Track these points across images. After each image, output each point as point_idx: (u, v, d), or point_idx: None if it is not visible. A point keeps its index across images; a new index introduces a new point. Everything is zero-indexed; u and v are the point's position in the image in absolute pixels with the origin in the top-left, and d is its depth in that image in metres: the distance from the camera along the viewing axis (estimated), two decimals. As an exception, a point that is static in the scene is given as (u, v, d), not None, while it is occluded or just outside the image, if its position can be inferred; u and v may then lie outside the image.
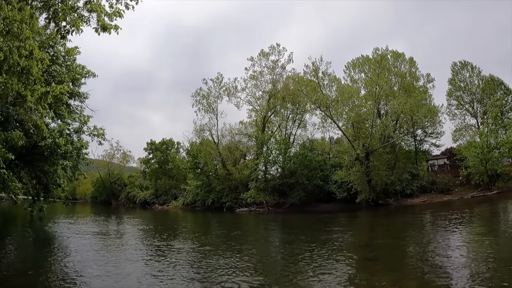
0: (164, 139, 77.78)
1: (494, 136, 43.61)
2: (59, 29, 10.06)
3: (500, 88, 51.90)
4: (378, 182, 41.89)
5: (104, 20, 9.89)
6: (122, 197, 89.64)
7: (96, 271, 12.99)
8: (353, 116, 42.99)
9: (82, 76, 26.69)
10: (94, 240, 22.83)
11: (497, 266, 11.33)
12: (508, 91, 52.48)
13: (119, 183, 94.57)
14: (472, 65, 50.72)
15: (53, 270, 13.43)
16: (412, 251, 15.75)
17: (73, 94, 25.88)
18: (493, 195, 39.62)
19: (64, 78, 22.29)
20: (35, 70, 10.01)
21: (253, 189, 49.36)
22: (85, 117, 26.25)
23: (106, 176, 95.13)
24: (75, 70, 25.58)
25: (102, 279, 11.90)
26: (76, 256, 16.05)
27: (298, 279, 11.48)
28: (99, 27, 9.92)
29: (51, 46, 21.81)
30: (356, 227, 28.37)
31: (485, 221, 24.17)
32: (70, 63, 25.24)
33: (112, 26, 9.99)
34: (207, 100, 54.52)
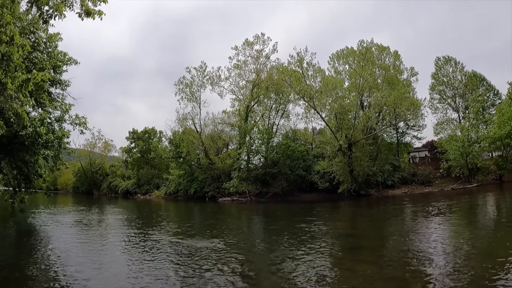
0: (147, 128, 76.85)
1: (475, 130, 44.51)
2: (42, 14, 9.70)
3: (482, 84, 52.82)
4: (360, 173, 42.13)
5: (87, 5, 9.54)
6: (104, 187, 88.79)
7: (79, 260, 12.84)
8: (336, 107, 43.00)
9: (63, 63, 25.98)
10: (76, 231, 22.46)
11: (476, 255, 11.67)
12: (490, 87, 53.44)
13: (101, 173, 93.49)
14: (455, 60, 51.40)
15: (33, 263, 13.06)
16: (395, 240, 15.91)
17: (54, 81, 25.21)
18: (473, 187, 40.39)
19: (45, 65, 21.65)
20: (16, 57, 9.68)
21: (236, 179, 49.26)
22: (66, 105, 25.61)
23: (87, 165, 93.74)
24: (56, 57, 24.90)
25: (84, 269, 11.73)
26: (58, 248, 15.75)
27: (282, 268, 11.42)
28: (82, 12, 9.56)
29: (32, 32, 21.19)
30: (339, 217, 28.54)
31: (464, 213, 24.55)
32: (51, 49, 24.57)
33: (96, 11, 9.65)
34: (190, 89, 54.04)
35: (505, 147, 43.24)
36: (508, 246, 12.38)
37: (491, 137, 42.47)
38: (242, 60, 53.21)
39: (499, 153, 45.51)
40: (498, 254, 11.47)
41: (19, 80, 10.30)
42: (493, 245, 12.98)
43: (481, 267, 10.18)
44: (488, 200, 30.80)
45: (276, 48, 52.49)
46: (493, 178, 43.06)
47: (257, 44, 52.62)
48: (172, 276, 10.86)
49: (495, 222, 19.86)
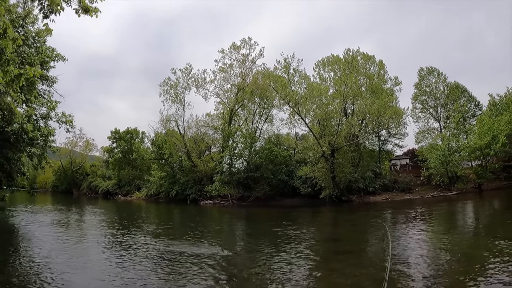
0: (129, 128, 75.82)
1: (456, 140, 45.23)
2: (43, 8, 9.49)
3: (464, 95, 53.95)
4: (342, 179, 42.39)
5: (85, 1, 9.42)
6: (84, 187, 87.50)
7: (58, 261, 12.72)
8: (320, 113, 43.21)
9: (51, 59, 25.57)
10: (55, 231, 22.26)
11: (454, 260, 12.13)
12: (471, 98, 54.59)
13: (81, 172, 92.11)
14: (438, 71, 52.20)
15: (11, 262, 12.91)
16: (377, 245, 16.42)
17: (41, 77, 24.71)
18: (453, 195, 40.99)
19: (34, 60, 21.23)
20: (9, 50, 9.40)
21: (218, 182, 49.01)
22: (53, 102, 25.05)
23: (68, 164, 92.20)
24: (44, 52, 24.47)
25: (64, 270, 11.58)
26: (37, 248, 15.56)
27: (265, 272, 11.43)
28: (80, 9, 9.42)
29: (21, 25, 20.76)
30: (321, 222, 28.81)
31: (443, 219, 25.14)
32: (40, 44, 24.14)
33: (93, 8, 9.53)
34: (175, 90, 53.71)
35: (484, 156, 44.04)
36: (484, 252, 12.71)
37: (471, 147, 43.22)
38: (228, 63, 53.17)
39: (478, 163, 46.36)
40: (475, 258, 11.93)
41: (11, 75, 10.00)
42: (470, 250, 13.33)
43: (458, 270, 10.66)
44: (466, 208, 31.50)
45: (262, 53, 52.63)
46: (473, 187, 43.64)
47: (244, 48, 52.66)
48: (147, 280, 10.72)
49: (472, 228, 20.35)
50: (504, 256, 11.83)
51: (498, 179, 44.03)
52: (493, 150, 42.34)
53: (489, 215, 26.01)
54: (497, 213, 26.82)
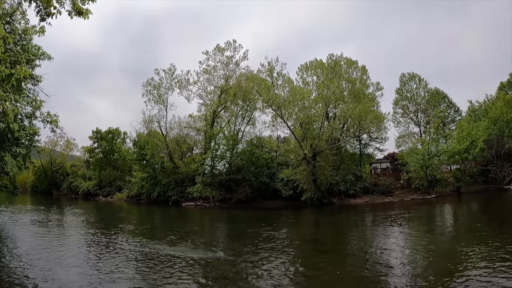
0: (111, 128, 74.73)
1: (435, 144, 46.18)
2: (40, 11, 9.38)
3: (444, 101, 55.07)
4: (323, 181, 42.72)
5: (78, 3, 9.35)
6: (64, 187, 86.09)
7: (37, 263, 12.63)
8: (303, 117, 43.47)
9: (36, 57, 25.09)
10: (35, 232, 21.98)
11: (432, 260, 12.63)
12: (451, 104, 55.75)
13: (61, 172, 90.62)
14: (419, 77, 53.20)
15: None
16: (358, 245, 16.84)
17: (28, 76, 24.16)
18: (432, 198, 41.85)
19: (21, 58, 20.79)
20: (1, 50, 9.25)
21: (200, 184, 48.81)
22: (38, 101, 24.54)
23: (48, 164, 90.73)
24: (30, 50, 23.99)
25: (43, 271, 11.48)
26: (16, 248, 15.38)
27: (247, 271, 11.49)
28: (73, 11, 9.33)
29: (8, 22, 20.35)
30: (303, 224, 29.12)
31: (423, 221, 25.89)
32: (26, 42, 23.67)
33: (85, 10, 9.47)
34: (158, 91, 53.30)
35: (463, 161, 45.25)
36: (461, 253, 13.25)
37: (450, 151, 44.27)
38: (212, 65, 53.05)
39: (457, 167, 47.40)
40: (452, 259, 12.38)
41: (2, 75, 9.84)
42: (448, 252, 13.63)
43: (436, 270, 11.04)
44: (445, 210, 32.35)
45: (246, 56, 52.70)
46: (451, 190, 44.54)
47: (228, 50, 52.64)
48: (126, 281, 10.70)
49: (450, 229, 21.17)
50: (480, 257, 12.30)
51: (476, 183, 45.14)
52: (471, 154, 43.57)
53: (467, 218, 26.62)
54: (475, 216, 27.43)
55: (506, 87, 59.52)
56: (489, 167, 45.47)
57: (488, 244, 14.23)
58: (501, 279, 9.40)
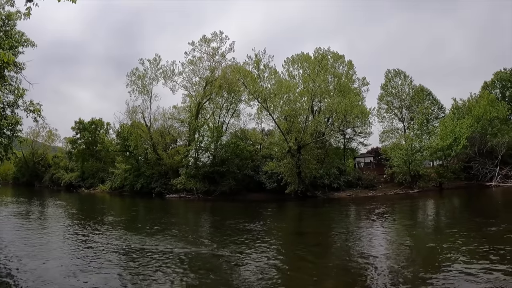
0: (94, 119, 73.46)
1: (419, 140, 46.65)
2: None
3: (428, 98, 55.52)
4: (307, 175, 42.76)
5: None
6: (46, 179, 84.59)
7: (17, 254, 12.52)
8: (288, 110, 43.40)
9: (20, 44, 24.40)
10: (15, 225, 21.49)
11: (414, 252, 12.86)
12: (435, 101, 56.28)
13: (43, 164, 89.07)
14: (405, 74, 53.40)
15: None
16: (344, 238, 16.94)
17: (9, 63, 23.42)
18: (414, 193, 42.34)
19: (4, 44, 20.16)
20: None
21: (184, 176, 48.42)
22: (20, 90, 23.84)
23: (29, 155, 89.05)
24: (14, 37, 23.31)
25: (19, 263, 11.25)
26: None
27: (233, 265, 11.38)
28: None
29: None
30: (287, 216, 29.27)
31: (405, 215, 26.21)
32: (9, 28, 23.00)
33: None
34: (143, 81, 52.65)
35: (446, 157, 45.77)
36: (443, 245, 13.40)
37: (433, 148, 44.89)
38: (197, 56, 52.31)
39: (440, 163, 47.96)
40: (434, 252, 12.60)
41: None
42: (429, 244, 13.78)
43: (418, 260, 11.49)
44: (427, 205, 32.74)
45: (233, 47, 52.06)
46: (434, 185, 44.97)
47: (214, 41, 51.95)
48: (108, 274, 10.46)
49: (433, 223, 21.62)
50: (462, 250, 12.54)
51: (458, 179, 45.84)
52: (454, 151, 44.09)
53: (449, 212, 26.90)
54: (456, 211, 27.74)
55: (489, 87, 60.54)
56: (471, 164, 46.07)
57: (470, 237, 14.60)
58: (482, 272, 9.55)
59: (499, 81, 60.75)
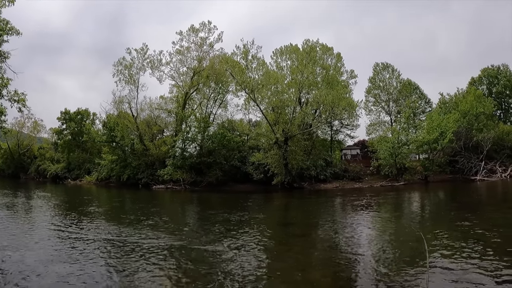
0: (80, 109, 72.62)
1: (405, 134, 47.00)
2: None
3: (416, 92, 56.10)
4: (294, 166, 42.85)
5: None
6: (32, 171, 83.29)
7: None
8: (275, 101, 43.30)
9: (4, 32, 23.85)
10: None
11: (397, 243, 13.17)
12: (422, 95, 56.92)
13: (29, 155, 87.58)
14: (393, 67, 53.70)
15: None
16: (329, 229, 17.08)
17: None
18: (400, 185, 42.72)
19: None
20: None
21: (170, 166, 48.21)
22: (4, 79, 23.28)
23: (15, 147, 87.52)
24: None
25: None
26: None
27: (220, 257, 11.26)
28: None
29: None
30: (274, 207, 29.29)
31: (392, 206, 26.53)
32: None
33: None
34: (129, 71, 51.94)
35: (432, 151, 46.15)
36: (427, 237, 13.31)
37: (419, 141, 45.29)
38: (185, 46, 51.76)
39: (426, 156, 48.34)
40: (417, 241, 12.27)
41: None
42: (413, 235, 13.89)
43: (404, 250, 11.66)
44: (413, 197, 33.08)
45: (221, 37, 51.58)
46: (419, 178, 45.47)
47: (202, 31, 51.46)
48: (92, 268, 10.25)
49: (418, 214, 21.90)
50: (444, 242, 12.79)
51: (444, 172, 46.34)
52: (440, 145, 44.54)
53: (435, 204, 27.22)
54: (441, 203, 28.01)
55: (477, 83, 61.31)
56: (457, 158, 46.55)
57: (455, 229, 14.84)
58: (468, 265, 9.63)
59: (486, 78, 61.61)
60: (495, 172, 44.97)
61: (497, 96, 60.09)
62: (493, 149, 46.86)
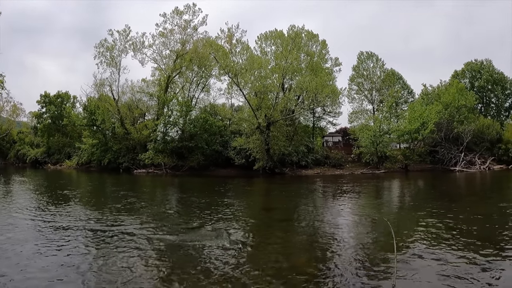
0: (60, 92, 71.02)
1: (387, 122, 47.40)
2: None
3: (399, 82, 56.58)
4: (276, 151, 42.89)
5: None
6: (11, 156, 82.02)
7: None
8: (259, 86, 43.16)
9: None
10: None
11: (379, 228, 13.05)
12: (405, 85, 57.50)
13: (8, 140, 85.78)
14: (377, 57, 53.75)
15: None
16: (309, 214, 17.12)
17: None
18: (381, 173, 43.18)
19: None
20: None
21: (152, 150, 47.74)
22: None
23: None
24: None
25: None
26: None
27: (198, 243, 10.95)
28: None
29: None
30: (256, 192, 29.01)
31: (372, 193, 26.58)
32: None
33: None
34: (111, 53, 50.75)
35: (413, 140, 46.66)
36: (407, 223, 14.32)
37: (401, 130, 45.76)
38: (169, 28, 51.00)
39: (406, 145, 48.83)
40: (398, 228, 12.79)
41: None
42: (394, 221, 14.09)
43: (383, 236, 11.55)
44: (393, 185, 33.28)
45: (205, 21, 50.98)
46: (400, 167, 45.98)
47: (187, 14, 50.72)
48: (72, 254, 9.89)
49: (398, 202, 22.18)
50: (422, 227, 12.98)
51: (424, 162, 46.91)
52: (421, 135, 45.19)
53: (414, 192, 27.47)
54: (420, 191, 28.29)
55: (459, 76, 61.93)
56: (437, 148, 47.04)
57: (432, 216, 14.80)
58: (445, 252, 9.59)
59: (470, 71, 62.35)
60: (474, 163, 45.57)
61: (479, 90, 60.82)
62: (473, 141, 47.43)
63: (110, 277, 7.89)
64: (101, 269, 8.41)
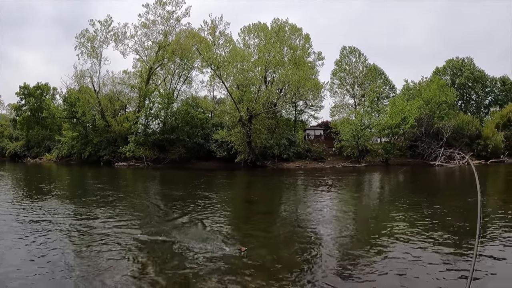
0: (40, 84, 69.15)
1: (368, 117, 47.79)
2: None
3: (381, 77, 56.91)
4: (258, 144, 42.94)
5: None
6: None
7: None
8: (241, 78, 43.08)
9: None
10: None
11: (360, 220, 13.46)
12: (387, 81, 58.02)
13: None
14: (360, 52, 53.87)
15: None
16: (291, 206, 17.43)
17: None
18: (362, 167, 43.60)
19: None
20: None
21: (133, 143, 47.31)
22: None
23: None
24: None
25: None
26: None
27: (180, 236, 10.72)
28: None
29: None
30: (237, 185, 29.00)
31: (353, 186, 26.71)
32: None
33: None
34: (92, 44, 50.02)
35: (393, 135, 47.15)
36: (386, 215, 14.17)
37: (382, 125, 46.19)
38: (151, 19, 50.29)
39: (387, 140, 49.25)
40: (377, 220, 13.27)
41: None
42: (374, 214, 14.56)
43: (363, 228, 11.89)
44: (373, 178, 33.56)
45: (188, 12, 50.35)
46: (380, 161, 46.48)
47: (170, 4, 50.08)
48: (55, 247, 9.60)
49: (378, 194, 22.50)
50: (401, 219, 13.19)
51: (404, 156, 47.44)
52: (402, 130, 45.71)
53: (395, 186, 27.70)
54: (400, 184, 28.52)
55: (441, 73, 62.88)
56: (417, 143, 47.49)
57: (412, 209, 14.98)
58: (425, 243, 9.63)
59: (451, 68, 63.37)
60: (454, 158, 46.13)
61: (459, 86, 61.83)
62: (453, 137, 48.00)
63: (83, 271, 7.67)
64: (72, 263, 8.17)
